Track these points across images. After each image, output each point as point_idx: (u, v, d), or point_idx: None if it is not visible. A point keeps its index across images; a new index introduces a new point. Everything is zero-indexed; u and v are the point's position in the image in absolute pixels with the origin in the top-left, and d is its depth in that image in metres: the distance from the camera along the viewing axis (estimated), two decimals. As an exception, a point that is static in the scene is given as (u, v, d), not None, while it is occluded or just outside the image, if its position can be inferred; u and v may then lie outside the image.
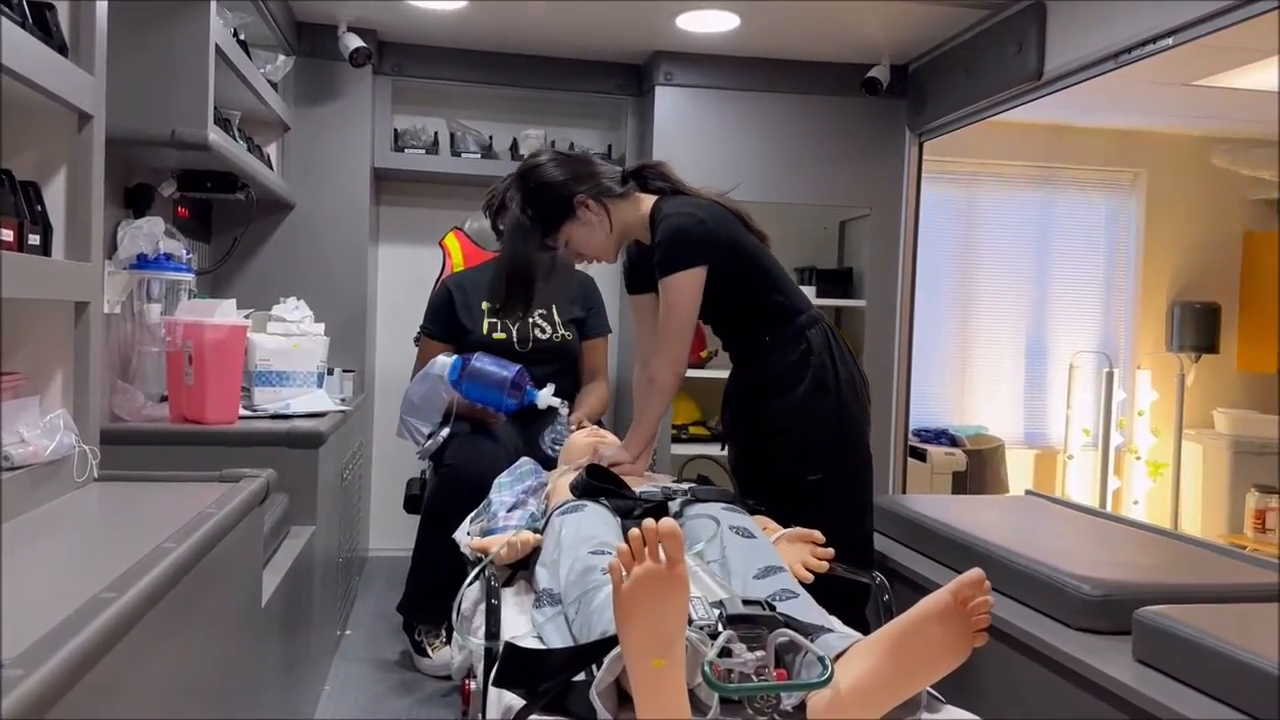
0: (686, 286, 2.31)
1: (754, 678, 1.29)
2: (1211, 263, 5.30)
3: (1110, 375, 5.10)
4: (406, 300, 4.02)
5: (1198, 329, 5.15)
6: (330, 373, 3.23)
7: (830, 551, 1.93)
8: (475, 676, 1.80)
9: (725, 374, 2.60)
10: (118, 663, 1.06)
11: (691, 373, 3.94)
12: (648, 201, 2.43)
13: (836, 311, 4.30)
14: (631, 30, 3.61)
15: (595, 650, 1.37)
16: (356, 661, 3.03)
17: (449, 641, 2.94)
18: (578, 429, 2.76)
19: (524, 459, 2.49)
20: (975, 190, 5.18)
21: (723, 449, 2.69)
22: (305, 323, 3.05)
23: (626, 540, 1.86)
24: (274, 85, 3.28)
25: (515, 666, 1.40)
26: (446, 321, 3.16)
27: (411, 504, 3.41)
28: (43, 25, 1.57)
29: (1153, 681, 1.68)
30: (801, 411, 2.34)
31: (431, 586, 2.98)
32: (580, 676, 1.38)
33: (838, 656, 1.31)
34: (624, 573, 1.24)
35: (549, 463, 2.65)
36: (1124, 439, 5.33)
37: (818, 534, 1.97)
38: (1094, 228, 5.36)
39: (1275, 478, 4.94)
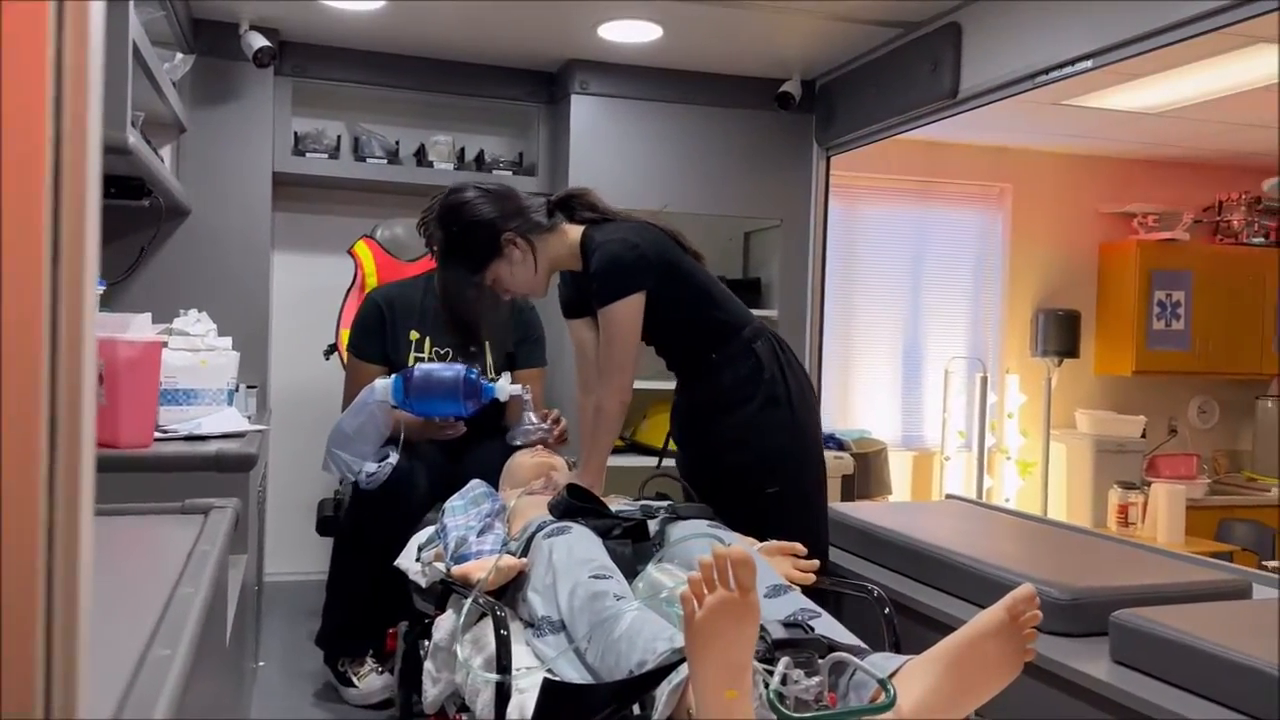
0: (627, 314, 2.30)
1: (812, 704, 1.28)
2: (1071, 272, 5.60)
3: (984, 380, 5.34)
4: (305, 311, 3.84)
5: (1060, 335, 5.42)
6: (236, 389, 3.06)
7: (815, 564, 1.94)
8: (470, 709, 1.73)
9: (639, 385, 2.57)
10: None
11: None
12: (576, 231, 2.41)
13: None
14: (547, 38, 3.56)
15: (643, 683, 1.33)
16: (277, 695, 2.87)
17: (380, 669, 2.82)
18: (551, 422, 2.68)
19: (474, 481, 2.40)
20: (853, 202, 5.33)
21: (658, 466, 2.65)
22: (210, 336, 2.87)
23: (615, 561, 1.83)
24: (172, 85, 3.08)
25: (557, 703, 1.34)
26: (378, 340, 2.94)
27: (324, 526, 3.25)
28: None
29: (1135, 681, 1.75)
30: (756, 426, 2.35)
31: (352, 615, 2.85)
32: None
33: (890, 676, 1.32)
34: (696, 603, 1.21)
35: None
36: (995, 440, 5.58)
37: (799, 546, 1.98)
38: (964, 239, 5.59)
39: (1134, 474, 5.28)
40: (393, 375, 2.66)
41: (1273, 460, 5.46)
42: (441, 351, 2.92)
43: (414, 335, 2.93)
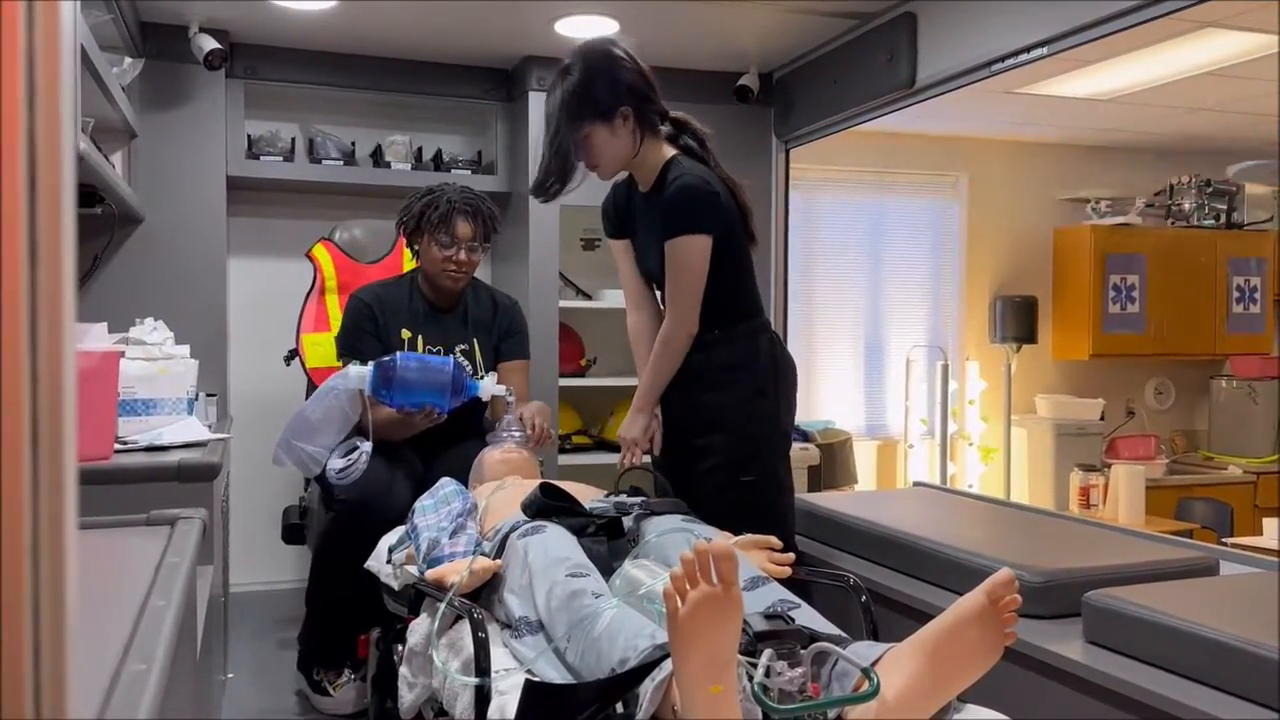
0: (697, 250, 2.31)
1: (796, 695, 1.28)
2: (1027, 259, 5.66)
3: (945, 368, 5.38)
4: (264, 316, 3.79)
5: (1018, 321, 5.48)
6: (196, 397, 3.01)
7: (790, 557, 1.94)
8: (449, 713, 1.72)
9: (605, 382, 2.57)
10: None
11: (571, 381, 3.92)
12: (666, 152, 2.41)
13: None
14: (503, 35, 3.53)
15: (627, 681, 1.32)
16: (248, 707, 2.83)
17: (355, 678, 2.79)
18: (532, 425, 2.66)
19: (444, 479, 2.37)
20: (811, 194, 5.35)
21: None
22: (167, 344, 2.82)
23: (591, 559, 1.81)
24: (122, 89, 3.02)
25: (540, 704, 1.33)
26: (374, 340, 2.83)
27: (290, 534, 3.21)
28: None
29: (1108, 660, 1.77)
30: (740, 411, 2.36)
31: (333, 628, 2.80)
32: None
33: (872, 665, 1.31)
34: (679, 600, 1.20)
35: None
36: (957, 427, 5.63)
37: (774, 540, 1.98)
38: (922, 229, 5.63)
39: (1094, 457, 5.35)
40: (369, 363, 2.57)
41: (1228, 439, 5.57)
42: (434, 349, 2.89)
43: (405, 334, 2.88)
